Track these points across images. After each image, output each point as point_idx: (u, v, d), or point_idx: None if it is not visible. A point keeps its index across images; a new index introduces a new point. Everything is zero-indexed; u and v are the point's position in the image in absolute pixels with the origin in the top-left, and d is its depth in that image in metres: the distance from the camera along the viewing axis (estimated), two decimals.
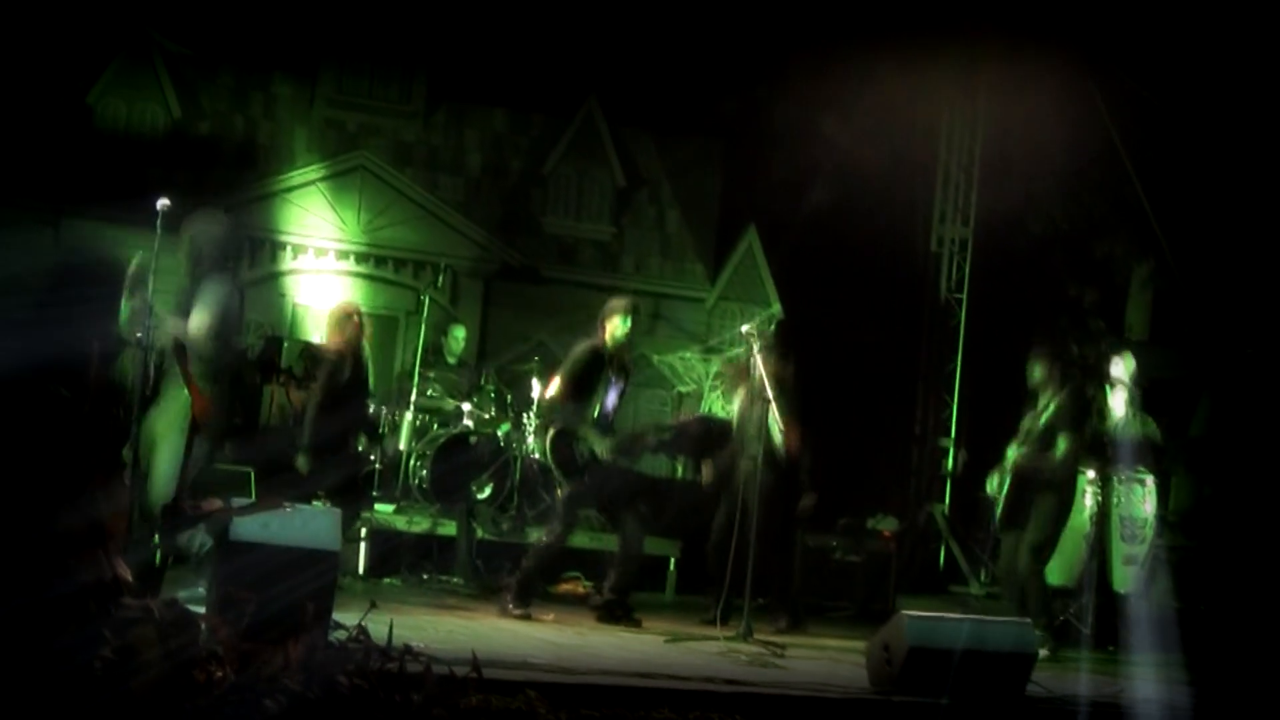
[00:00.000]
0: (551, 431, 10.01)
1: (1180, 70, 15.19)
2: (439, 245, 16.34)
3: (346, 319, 11.24)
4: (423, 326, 13.96)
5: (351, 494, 11.08)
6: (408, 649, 5.87)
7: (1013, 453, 10.63)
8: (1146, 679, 9.42)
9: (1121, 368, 11.97)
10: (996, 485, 10.71)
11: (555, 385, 10.11)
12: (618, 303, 10.12)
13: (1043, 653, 9.88)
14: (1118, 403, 11.82)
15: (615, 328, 9.93)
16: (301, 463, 10.77)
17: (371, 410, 12.49)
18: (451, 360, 14.27)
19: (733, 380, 11.25)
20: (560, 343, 10.68)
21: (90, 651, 4.99)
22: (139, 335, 7.81)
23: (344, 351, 11.06)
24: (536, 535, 12.41)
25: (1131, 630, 11.06)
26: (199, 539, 7.89)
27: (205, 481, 9.07)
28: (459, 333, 14.48)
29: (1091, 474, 11.42)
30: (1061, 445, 10.39)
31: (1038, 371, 10.81)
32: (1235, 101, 15.14)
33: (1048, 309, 17.39)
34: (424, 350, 13.93)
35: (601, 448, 9.79)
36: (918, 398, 17.19)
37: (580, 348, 10.04)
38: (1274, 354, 14.29)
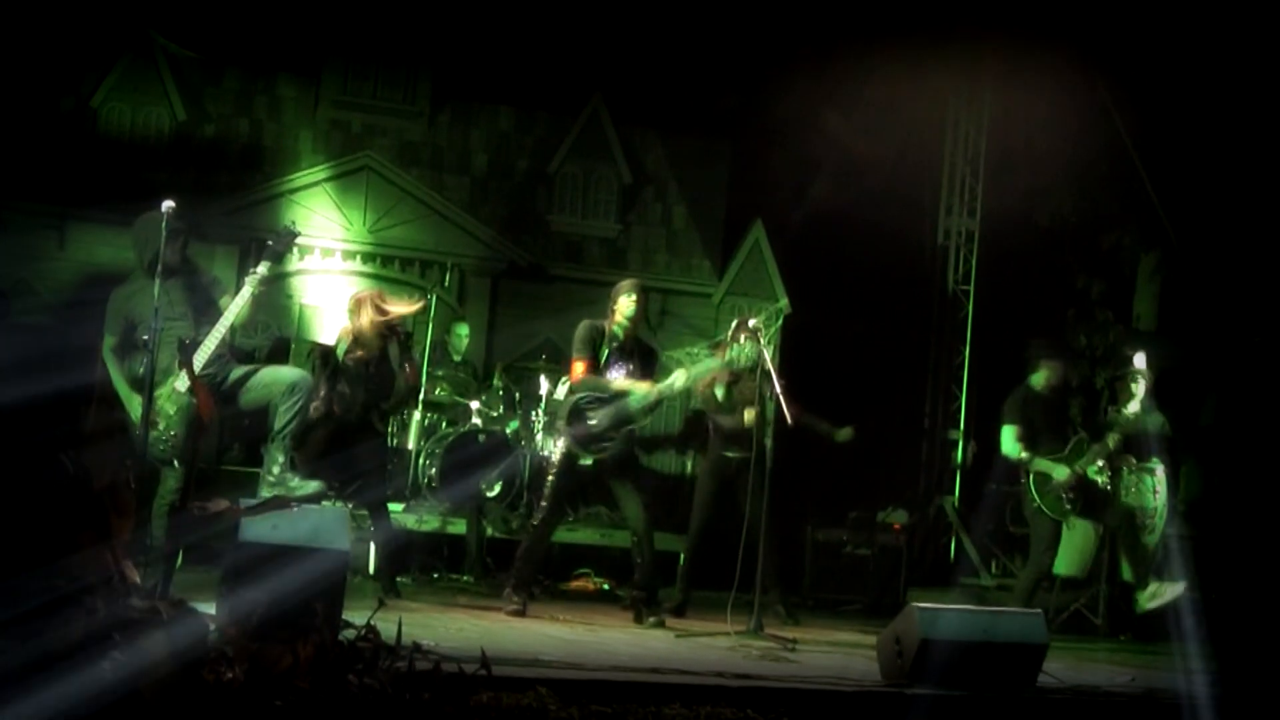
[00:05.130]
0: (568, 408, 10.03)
1: (1186, 59, 15.15)
2: (445, 244, 16.34)
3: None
4: (430, 326, 13.96)
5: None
6: (417, 647, 5.87)
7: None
8: (1159, 668, 9.42)
9: (1143, 358, 12.00)
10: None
11: (573, 369, 10.11)
12: (623, 283, 10.15)
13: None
14: (1140, 390, 11.83)
15: (623, 308, 9.93)
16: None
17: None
18: (456, 358, 14.28)
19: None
20: (567, 340, 10.61)
21: (99, 652, 4.98)
22: (145, 338, 7.84)
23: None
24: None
25: (1143, 620, 11.07)
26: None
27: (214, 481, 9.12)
28: (462, 330, 14.50)
29: (1101, 463, 11.43)
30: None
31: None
32: (1242, 89, 15.10)
33: (1055, 300, 17.38)
34: (430, 349, 13.94)
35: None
36: (926, 391, 17.18)
37: (580, 324, 10.11)
38: None
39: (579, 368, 9.93)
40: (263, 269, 8.67)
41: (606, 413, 9.78)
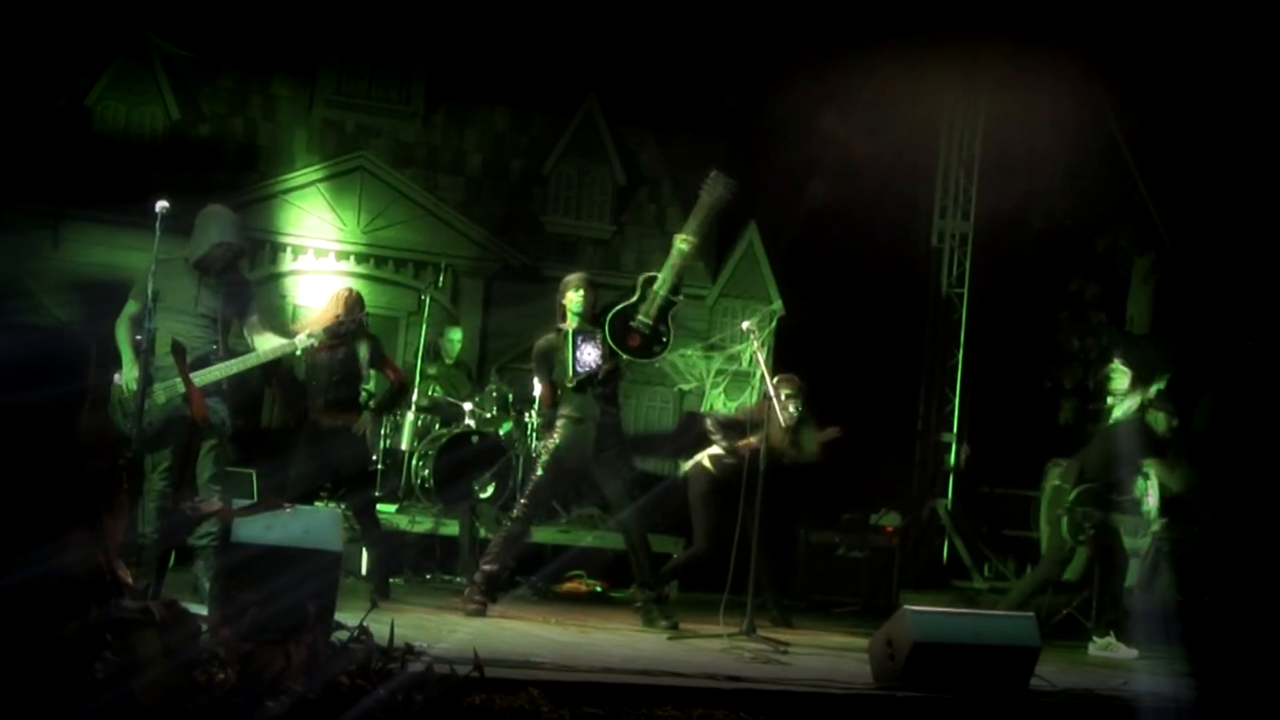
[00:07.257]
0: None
1: (1181, 62, 15.16)
2: (439, 245, 16.33)
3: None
4: (424, 326, 13.95)
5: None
6: (409, 648, 5.86)
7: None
8: (1150, 671, 9.43)
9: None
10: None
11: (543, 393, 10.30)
12: (569, 278, 10.30)
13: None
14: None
15: (571, 302, 10.04)
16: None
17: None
18: (449, 362, 14.27)
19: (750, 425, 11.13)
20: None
21: (91, 654, 4.98)
22: (139, 338, 7.85)
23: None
24: (542, 534, 12.48)
25: (1135, 623, 11.06)
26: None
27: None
28: (455, 335, 14.49)
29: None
30: None
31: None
32: (1237, 92, 15.11)
33: (1049, 303, 17.39)
34: (424, 350, 13.94)
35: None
36: (920, 393, 17.19)
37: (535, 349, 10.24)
38: (1275, 346, 14.27)
39: (545, 392, 10.27)
40: (315, 339, 8.97)
41: (645, 308, 9.89)
